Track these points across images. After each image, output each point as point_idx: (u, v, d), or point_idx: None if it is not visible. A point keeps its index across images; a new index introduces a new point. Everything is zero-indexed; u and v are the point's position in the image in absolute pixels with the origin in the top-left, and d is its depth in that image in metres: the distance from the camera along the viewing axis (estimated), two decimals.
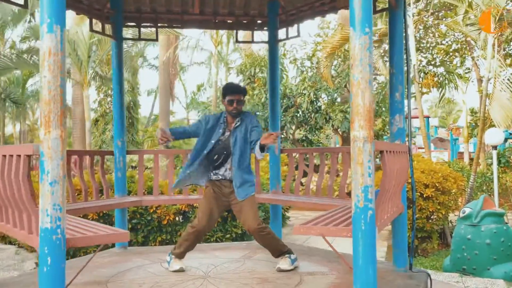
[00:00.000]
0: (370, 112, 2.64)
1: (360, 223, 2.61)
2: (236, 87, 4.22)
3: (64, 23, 2.49)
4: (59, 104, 2.42)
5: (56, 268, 2.40)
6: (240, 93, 4.10)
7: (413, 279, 3.85)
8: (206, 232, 4.09)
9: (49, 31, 2.42)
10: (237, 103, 4.03)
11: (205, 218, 3.97)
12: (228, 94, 4.06)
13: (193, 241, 4.05)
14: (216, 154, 4.06)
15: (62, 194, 2.42)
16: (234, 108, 4.02)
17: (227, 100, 4.05)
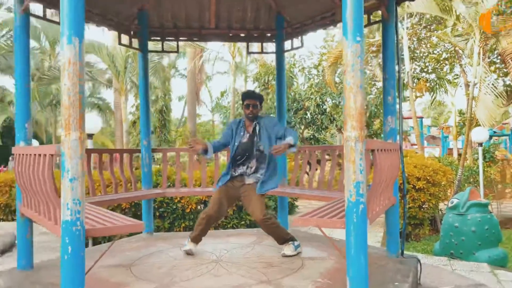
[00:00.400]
0: (361, 114, 2.45)
1: (352, 216, 2.43)
2: (252, 93, 4.12)
3: (83, 35, 2.36)
4: (78, 109, 2.30)
5: (76, 256, 2.28)
6: (255, 98, 4.01)
7: (403, 264, 3.65)
8: (216, 218, 3.96)
9: (68, 43, 2.30)
10: (253, 107, 3.95)
11: (215, 206, 3.86)
12: (245, 99, 4.01)
13: (205, 226, 3.91)
14: (239, 154, 3.99)
15: (81, 189, 2.30)
16: (250, 112, 3.95)
17: (244, 105, 4.00)
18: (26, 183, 2.99)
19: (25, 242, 3.52)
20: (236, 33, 5.44)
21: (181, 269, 3.50)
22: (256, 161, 3.99)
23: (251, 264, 3.63)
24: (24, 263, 3.52)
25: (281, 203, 5.18)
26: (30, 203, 3.17)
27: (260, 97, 4.08)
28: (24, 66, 3.51)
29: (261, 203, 3.81)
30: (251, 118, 3.96)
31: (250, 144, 3.98)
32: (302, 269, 3.47)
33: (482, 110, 8.92)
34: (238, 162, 3.99)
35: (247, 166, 3.99)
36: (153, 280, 3.19)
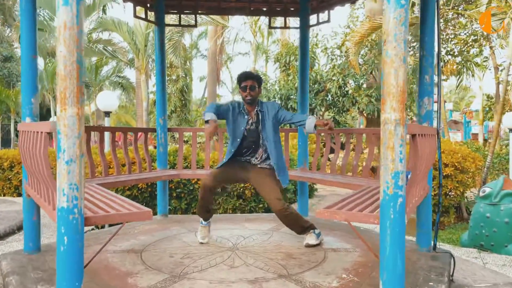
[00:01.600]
0: (404, 93, 2.04)
1: (388, 211, 2.04)
2: (248, 73, 3.61)
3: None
4: (75, 80, 1.96)
5: (73, 248, 1.98)
6: (253, 79, 3.50)
7: (436, 260, 3.26)
8: (215, 189, 3.56)
9: (64, 4, 1.95)
10: (250, 89, 3.45)
11: (211, 176, 3.49)
12: (242, 81, 3.50)
13: (207, 199, 3.56)
14: (245, 146, 3.57)
15: (79, 172, 1.98)
16: (247, 94, 3.46)
17: (241, 87, 3.51)
18: (27, 161, 2.70)
19: (32, 224, 3.26)
20: (258, 6, 5.00)
21: (194, 257, 3.19)
22: (263, 151, 3.59)
23: (269, 254, 3.30)
24: (30, 246, 3.27)
25: (301, 188, 4.81)
26: (32, 183, 2.89)
27: (258, 77, 3.57)
28: (30, 37, 3.19)
29: (278, 191, 3.42)
30: (250, 101, 3.48)
31: (257, 134, 3.55)
32: (324, 263, 3.12)
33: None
34: (244, 153, 3.59)
35: (255, 157, 3.61)
36: (164, 270, 2.89)
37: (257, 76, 3.58)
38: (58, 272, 1.98)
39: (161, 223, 4.40)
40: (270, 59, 14.85)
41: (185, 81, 16.76)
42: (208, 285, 2.63)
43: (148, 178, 4.14)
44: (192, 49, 27.63)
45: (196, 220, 4.50)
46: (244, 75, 3.53)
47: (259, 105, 3.56)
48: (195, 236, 3.78)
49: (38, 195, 2.73)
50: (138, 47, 11.75)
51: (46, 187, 2.38)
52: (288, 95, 12.76)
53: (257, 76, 3.60)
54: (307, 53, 4.77)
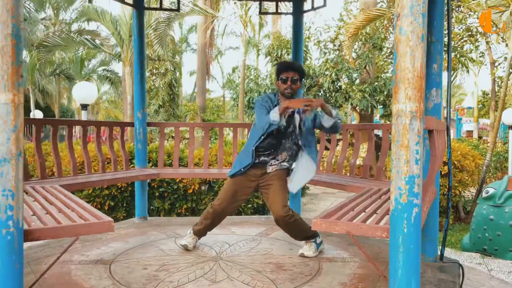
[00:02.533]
0: (422, 79, 1.66)
1: (401, 224, 1.67)
2: (291, 63, 3.20)
3: None
4: (9, 59, 1.55)
5: (7, 270, 1.58)
6: (295, 70, 3.05)
7: (445, 272, 2.92)
8: (226, 214, 3.15)
9: None
10: (292, 82, 3.01)
11: (227, 200, 3.05)
12: (282, 71, 3.05)
13: (211, 221, 3.17)
14: (268, 144, 3.07)
15: (15, 176, 1.57)
16: (288, 87, 3.01)
17: (281, 79, 3.05)
18: None
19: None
20: None
21: (171, 269, 2.80)
22: (287, 153, 3.13)
23: (257, 265, 2.92)
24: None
25: None
26: None
27: (301, 69, 3.12)
28: None
29: (285, 196, 3.02)
30: (288, 95, 3.04)
31: (285, 133, 3.07)
32: (319, 276, 2.75)
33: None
34: (264, 152, 3.09)
35: (274, 158, 3.12)
36: (134, 286, 2.49)
37: (301, 68, 3.14)
38: None
39: (139, 227, 3.99)
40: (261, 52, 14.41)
41: (174, 75, 16.26)
42: None
43: (123, 178, 3.72)
44: (182, 42, 27.08)
45: (179, 224, 4.12)
46: (286, 65, 3.09)
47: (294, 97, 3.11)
48: (175, 243, 3.39)
49: None
50: (122, 37, 11.27)
51: None
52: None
53: (301, 67, 3.16)
54: (301, 42, 4.37)
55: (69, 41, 11.57)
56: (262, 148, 3.08)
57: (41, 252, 3.17)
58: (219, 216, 3.15)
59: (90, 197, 5.57)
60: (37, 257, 3.02)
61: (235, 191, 3.09)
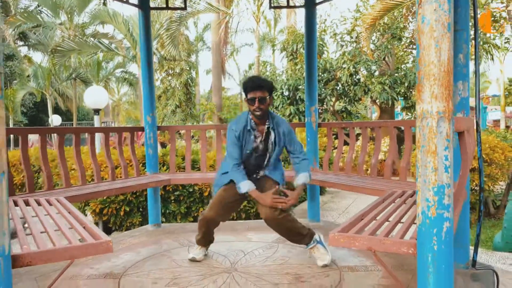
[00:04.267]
0: (449, 74, 1.45)
1: (430, 241, 1.46)
2: (257, 81, 2.86)
3: None
4: None
5: None
6: (261, 88, 2.82)
7: (478, 280, 2.69)
8: (216, 222, 2.99)
9: None
10: (260, 101, 2.80)
11: (215, 208, 2.91)
12: (249, 91, 2.83)
13: (207, 229, 3.02)
14: (249, 165, 2.98)
15: (0, 196, 1.44)
16: (256, 108, 2.80)
17: (248, 99, 2.84)
18: None
19: None
20: None
21: (182, 283, 2.65)
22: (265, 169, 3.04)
23: (274, 276, 2.75)
24: None
25: (311, 191, 4.23)
26: None
27: (268, 85, 2.87)
28: None
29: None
30: (258, 116, 2.85)
31: (263, 155, 2.97)
32: (341, 287, 2.55)
33: None
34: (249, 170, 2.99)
35: (256, 174, 3.05)
36: None
37: (268, 84, 2.87)
38: None
39: (152, 235, 3.87)
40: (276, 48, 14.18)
41: (190, 75, 16.18)
42: None
43: (133, 186, 3.59)
44: (198, 41, 27.07)
45: (192, 231, 3.98)
46: (251, 85, 2.83)
47: (269, 119, 2.93)
48: (188, 252, 3.25)
49: None
50: (135, 39, 11.19)
51: None
52: (296, 85, 12.13)
53: (268, 83, 2.88)
54: (314, 36, 4.15)
55: (83, 45, 11.60)
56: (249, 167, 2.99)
57: (49, 266, 3.07)
58: (212, 223, 2.99)
59: (105, 203, 5.50)
60: (45, 272, 2.91)
61: (225, 198, 2.93)
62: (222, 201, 2.92)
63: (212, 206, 2.92)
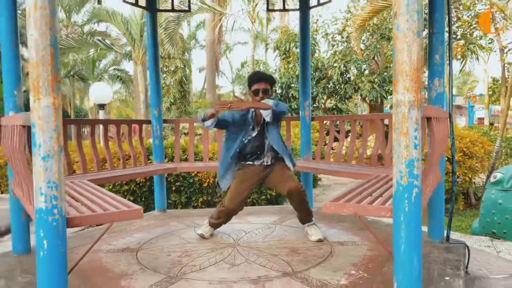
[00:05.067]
0: (418, 71, 1.82)
1: (403, 204, 1.84)
2: (262, 74, 3.28)
3: None
4: (49, 67, 1.76)
5: (54, 253, 1.79)
6: (266, 81, 3.20)
7: (451, 252, 3.07)
8: (237, 211, 3.36)
9: None
10: (263, 93, 3.17)
11: (235, 199, 3.27)
12: (254, 83, 3.20)
13: (226, 219, 3.42)
14: (249, 153, 3.31)
15: (58, 170, 1.79)
16: (260, 99, 3.16)
17: (252, 90, 3.20)
18: (9, 157, 2.51)
19: (20, 225, 3.09)
20: None
21: (193, 255, 3.01)
22: (271, 151, 3.34)
23: (272, 250, 3.12)
24: (19, 247, 3.10)
25: (305, 179, 4.61)
26: (16, 181, 2.70)
27: (271, 79, 3.25)
28: (11, 25, 2.97)
29: (291, 173, 3.32)
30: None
31: (262, 141, 3.30)
32: (331, 258, 2.93)
33: None
34: (248, 158, 3.34)
35: (265, 159, 3.35)
36: (160, 270, 2.71)
37: (271, 78, 3.26)
38: (39, 280, 1.80)
39: (159, 219, 4.22)
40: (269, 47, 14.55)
41: (184, 72, 16.50)
42: (207, 286, 2.45)
43: (143, 172, 3.95)
44: (191, 39, 27.28)
45: (197, 215, 4.34)
46: (257, 77, 3.22)
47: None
48: (194, 232, 3.60)
49: (21, 193, 2.54)
50: (133, 37, 11.48)
51: (27, 186, 2.19)
52: (289, 83, 12.51)
53: (271, 77, 3.27)
54: (308, 36, 4.53)
55: (82, 43, 11.86)
56: (249, 154, 3.31)
57: (71, 243, 3.41)
58: (232, 213, 3.37)
59: (111, 192, 5.83)
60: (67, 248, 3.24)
61: (242, 189, 3.29)
62: (239, 194, 3.27)
63: (232, 199, 3.26)
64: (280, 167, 3.32)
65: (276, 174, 3.30)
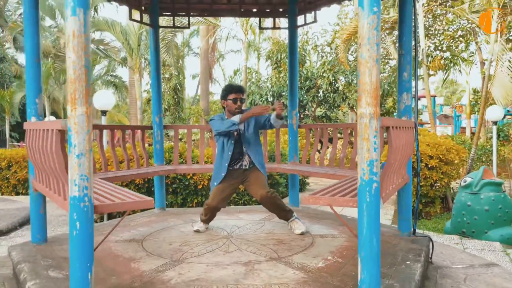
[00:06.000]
0: (377, 90, 2.29)
1: (365, 195, 2.30)
2: (239, 86, 3.83)
3: (88, 5, 2.23)
4: (84, 83, 2.19)
5: (84, 232, 2.22)
6: (243, 92, 3.80)
7: (415, 243, 3.54)
8: (218, 208, 3.85)
9: (72, 14, 2.17)
10: (240, 101, 3.74)
11: (216, 198, 3.75)
12: (233, 93, 3.73)
13: (211, 215, 3.88)
14: (235, 155, 3.80)
15: (88, 165, 2.22)
16: (238, 106, 3.71)
17: (232, 99, 3.72)
18: (37, 158, 2.93)
19: (39, 217, 3.50)
20: (248, 8, 5.24)
21: (191, 245, 3.44)
22: (248, 156, 3.83)
23: (261, 241, 3.56)
24: (38, 237, 3.51)
25: (292, 180, 5.07)
26: (41, 178, 3.12)
27: (245, 90, 3.86)
28: (34, 40, 3.40)
29: (263, 181, 3.78)
30: (238, 112, 3.72)
31: (241, 147, 3.80)
32: (312, 247, 3.39)
33: (498, 88, 8.59)
34: (233, 163, 3.82)
35: (244, 160, 3.84)
36: (164, 256, 3.14)
37: (244, 89, 3.86)
38: (71, 254, 2.22)
39: (159, 216, 4.64)
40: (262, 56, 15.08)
41: (178, 79, 16.94)
42: (205, 267, 2.88)
43: (146, 173, 4.38)
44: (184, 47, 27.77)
45: (193, 213, 4.76)
46: (237, 88, 3.77)
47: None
48: (192, 226, 4.03)
49: (47, 188, 2.96)
50: (131, 46, 11.91)
51: (57, 180, 2.61)
52: (279, 92, 13.01)
53: (244, 89, 3.88)
54: (296, 52, 5.02)
55: None
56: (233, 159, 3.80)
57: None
58: (215, 209, 3.84)
59: None
60: None
61: (222, 190, 3.78)
62: (220, 192, 3.76)
63: (214, 197, 3.75)
64: (255, 173, 3.79)
65: (251, 179, 3.78)
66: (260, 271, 2.80)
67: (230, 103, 3.74)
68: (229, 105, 3.75)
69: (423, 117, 19.84)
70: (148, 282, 2.61)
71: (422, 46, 10.45)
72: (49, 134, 2.54)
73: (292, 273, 2.76)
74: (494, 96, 8.51)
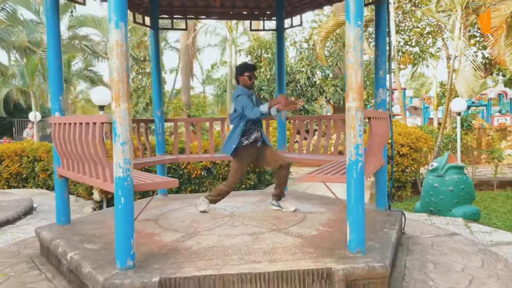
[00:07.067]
0: (361, 88, 2.86)
1: (352, 172, 2.87)
2: (253, 65, 4.37)
3: (127, 20, 2.69)
4: (125, 84, 2.66)
5: (127, 206, 2.70)
6: (256, 70, 4.38)
7: (391, 216, 4.16)
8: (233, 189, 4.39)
9: (116, 27, 2.63)
10: (254, 78, 4.28)
11: (236, 180, 4.22)
12: (250, 70, 4.19)
13: (225, 195, 4.37)
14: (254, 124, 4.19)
15: (129, 151, 2.70)
16: (252, 83, 4.21)
17: (247, 75, 4.17)
18: (70, 148, 3.36)
19: (63, 201, 3.93)
20: (239, 11, 5.72)
21: (201, 222, 3.95)
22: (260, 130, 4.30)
23: (260, 217, 4.11)
24: (63, 219, 3.94)
25: None
26: (71, 165, 3.55)
27: (257, 68, 4.45)
28: (56, 42, 3.80)
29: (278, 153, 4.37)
30: (252, 87, 4.24)
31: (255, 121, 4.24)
32: (305, 221, 3.96)
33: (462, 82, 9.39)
34: (252, 130, 4.23)
35: (260, 132, 4.28)
36: (180, 230, 3.64)
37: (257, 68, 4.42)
38: (117, 223, 2.70)
39: (164, 201, 5.11)
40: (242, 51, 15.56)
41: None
42: (218, 238, 3.41)
43: (151, 162, 4.84)
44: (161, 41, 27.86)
45: (194, 198, 5.25)
46: (253, 66, 4.30)
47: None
48: (196, 208, 4.53)
49: (79, 174, 3.41)
50: None
51: (95, 166, 3.07)
52: (260, 86, 13.54)
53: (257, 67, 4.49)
54: (283, 53, 5.56)
55: (70, 47, 12.39)
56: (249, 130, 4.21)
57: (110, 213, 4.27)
58: (230, 191, 4.35)
59: None
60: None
61: (244, 170, 4.26)
62: (242, 172, 4.23)
63: (234, 180, 4.21)
64: (268, 148, 4.31)
65: (266, 152, 4.27)
66: (265, 238, 3.35)
67: (246, 79, 4.19)
68: (244, 79, 4.20)
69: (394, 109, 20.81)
70: (173, 249, 3.12)
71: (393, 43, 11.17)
72: (91, 127, 2.99)
73: (291, 239, 3.33)
74: (458, 89, 9.32)
